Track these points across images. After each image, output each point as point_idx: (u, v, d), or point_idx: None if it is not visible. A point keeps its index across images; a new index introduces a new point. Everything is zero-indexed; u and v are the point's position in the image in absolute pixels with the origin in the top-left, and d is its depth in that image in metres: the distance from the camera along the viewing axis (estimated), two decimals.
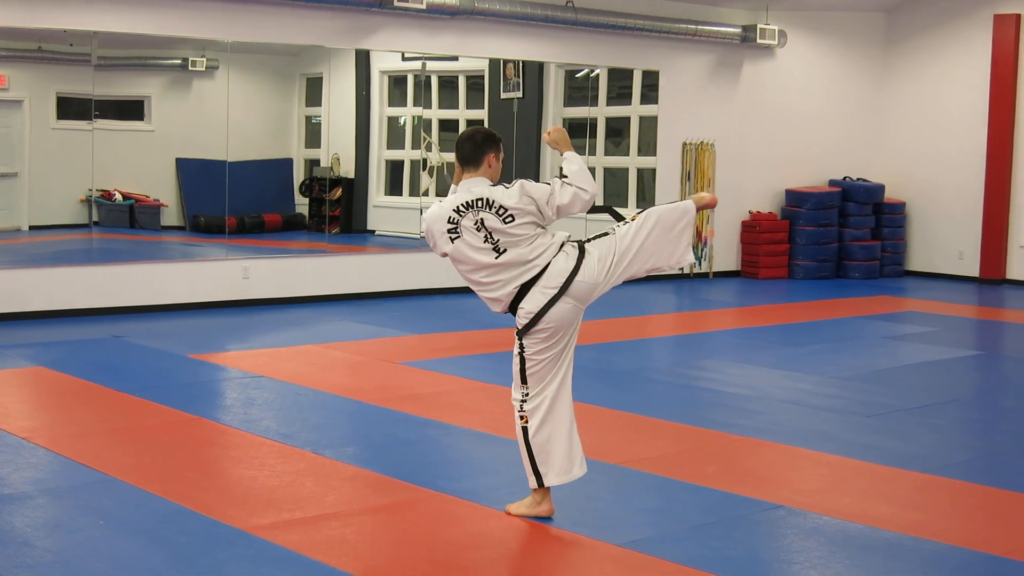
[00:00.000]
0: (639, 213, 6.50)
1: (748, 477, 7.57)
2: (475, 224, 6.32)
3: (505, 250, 6.32)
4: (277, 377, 10.24)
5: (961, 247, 18.74)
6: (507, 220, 6.28)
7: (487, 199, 6.31)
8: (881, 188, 19.06)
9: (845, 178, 19.17)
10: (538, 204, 6.28)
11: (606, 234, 6.46)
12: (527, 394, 6.46)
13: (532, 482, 6.51)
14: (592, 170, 17.40)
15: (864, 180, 19.16)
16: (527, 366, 6.44)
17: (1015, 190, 18.15)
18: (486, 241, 6.33)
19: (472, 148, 6.47)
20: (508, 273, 6.36)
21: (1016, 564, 6.06)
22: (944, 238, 19.00)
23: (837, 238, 18.80)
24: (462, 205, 6.35)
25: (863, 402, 9.79)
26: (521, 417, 6.48)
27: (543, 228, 6.40)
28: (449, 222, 6.38)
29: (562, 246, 6.38)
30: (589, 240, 6.46)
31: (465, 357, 11.38)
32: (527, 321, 6.36)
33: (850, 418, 9.22)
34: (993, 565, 6.07)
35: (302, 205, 16.58)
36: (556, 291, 6.29)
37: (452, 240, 6.39)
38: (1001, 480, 7.68)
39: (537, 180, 6.39)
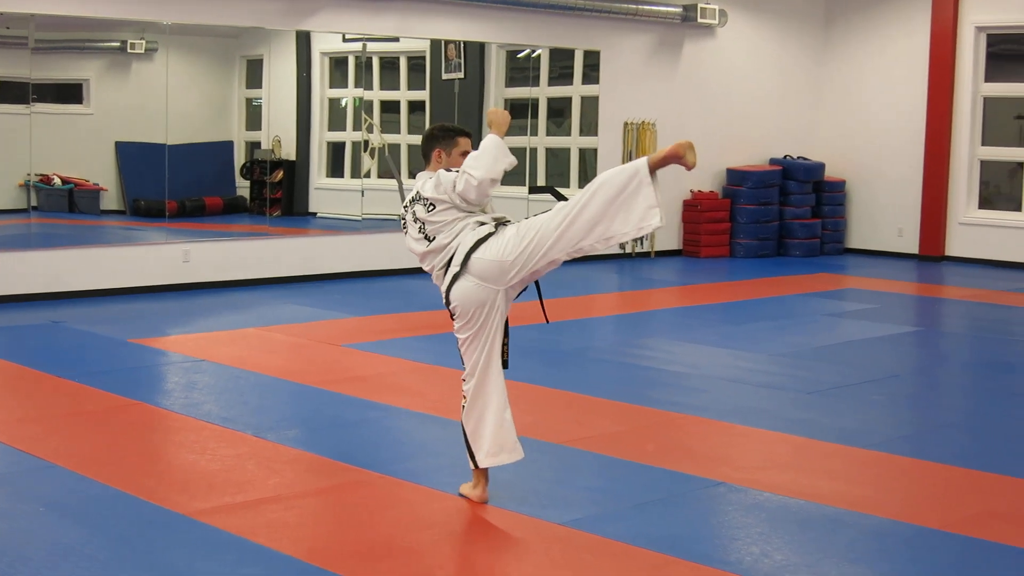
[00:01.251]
0: None
1: (690, 455, 7.61)
2: (412, 216, 6.44)
3: (434, 237, 6.39)
4: (218, 361, 10.20)
5: (900, 224, 18.86)
6: (430, 209, 6.36)
7: (418, 192, 6.43)
8: (821, 166, 19.16)
9: (786, 156, 19.26)
10: (447, 191, 6.31)
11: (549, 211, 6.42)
12: (464, 375, 6.50)
13: (470, 463, 6.52)
14: (534, 151, 17.40)
15: (804, 158, 19.26)
16: (458, 346, 6.48)
17: (954, 167, 18.28)
18: (420, 231, 6.42)
19: (423, 144, 6.63)
20: (437, 258, 6.43)
21: (956, 537, 6.12)
22: (884, 216, 19.12)
23: (778, 216, 18.87)
24: (408, 201, 6.49)
25: (804, 379, 9.85)
26: (464, 397, 6.50)
27: (472, 212, 6.41)
28: (401, 219, 6.55)
29: (480, 225, 6.37)
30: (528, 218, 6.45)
31: (407, 339, 11.37)
32: (444, 301, 6.46)
33: (791, 395, 9.28)
34: (933, 539, 6.12)
35: (243, 188, 16.49)
36: (457, 269, 6.32)
37: (405, 234, 6.52)
38: (940, 455, 7.75)
39: None
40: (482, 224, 6.35)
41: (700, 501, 6.64)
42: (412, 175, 16.96)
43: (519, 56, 17.56)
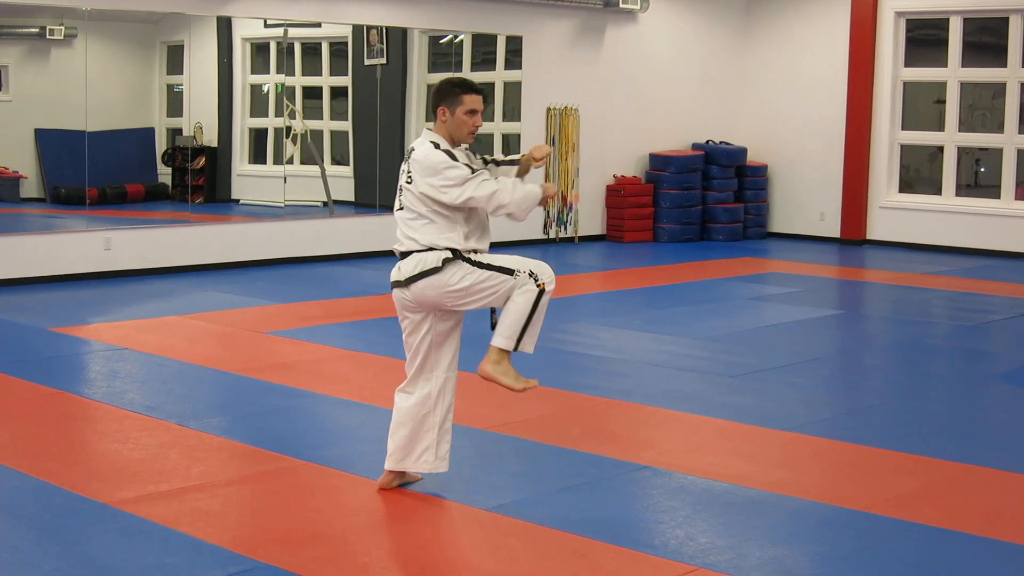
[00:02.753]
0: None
1: (614, 439, 7.64)
2: (401, 171, 6.30)
3: (403, 208, 6.26)
4: (141, 349, 10.12)
5: (822, 208, 19.00)
6: (408, 180, 6.22)
7: (412, 149, 6.27)
8: (743, 151, 19.25)
9: (708, 141, 19.34)
10: (430, 185, 6.10)
11: (493, 266, 6.24)
12: None
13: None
14: None
15: (727, 143, 19.34)
16: None
17: (874, 151, 18.43)
18: (400, 192, 6.28)
19: (431, 100, 6.37)
20: (397, 230, 6.30)
21: (878, 519, 6.19)
22: (805, 200, 19.24)
23: (701, 201, 18.94)
24: (408, 150, 6.35)
25: (727, 362, 9.91)
26: None
27: (437, 215, 6.17)
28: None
29: (430, 251, 6.15)
30: (478, 254, 6.27)
31: (332, 325, 11.34)
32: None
33: (714, 378, 9.34)
34: (854, 520, 6.18)
35: (165, 175, 16.36)
36: (399, 280, 6.23)
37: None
38: (861, 436, 7.83)
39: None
40: (431, 250, 6.16)
41: (624, 485, 6.67)
42: (335, 161, 16.93)
43: (442, 42, 17.54)
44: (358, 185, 16.93)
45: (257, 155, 17.02)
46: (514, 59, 17.73)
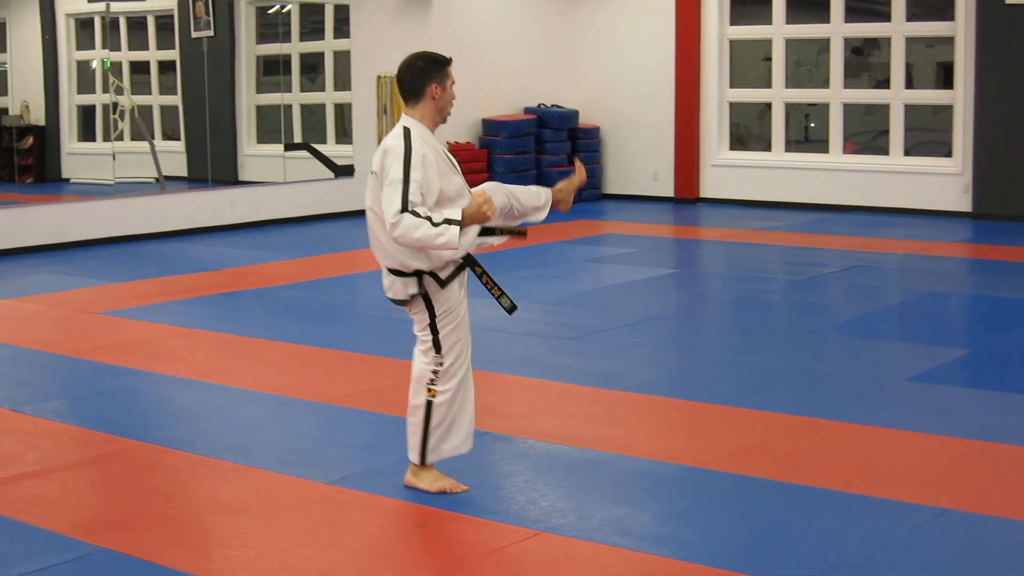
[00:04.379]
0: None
1: None
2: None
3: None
4: None
5: (655, 168, 19.17)
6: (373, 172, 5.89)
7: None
8: (575, 114, 19.34)
9: (540, 105, 19.40)
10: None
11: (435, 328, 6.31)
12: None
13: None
14: (288, 108, 17.21)
15: (559, 106, 19.42)
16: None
17: (704, 109, 18.64)
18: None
19: (411, 80, 5.86)
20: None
21: (712, 474, 6.29)
22: (639, 160, 19.40)
23: (535, 165, 18.99)
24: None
25: (565, 325, 9.97)
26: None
27: None
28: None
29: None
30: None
31: (166, 303, 11.17)
32: None
33: (552, 342, 9.39)
34: (691, 476, 6.28)
35: None
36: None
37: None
38: (698, 393, 7.94)
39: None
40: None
41: (466, 453, 6.67)
42: (167, 136, 16.71)
43: (269, 12, 17.37)
44: (190, 160, 16.75)
45: (86, 133, 16.74)
46: (343, 28, 17.62)
